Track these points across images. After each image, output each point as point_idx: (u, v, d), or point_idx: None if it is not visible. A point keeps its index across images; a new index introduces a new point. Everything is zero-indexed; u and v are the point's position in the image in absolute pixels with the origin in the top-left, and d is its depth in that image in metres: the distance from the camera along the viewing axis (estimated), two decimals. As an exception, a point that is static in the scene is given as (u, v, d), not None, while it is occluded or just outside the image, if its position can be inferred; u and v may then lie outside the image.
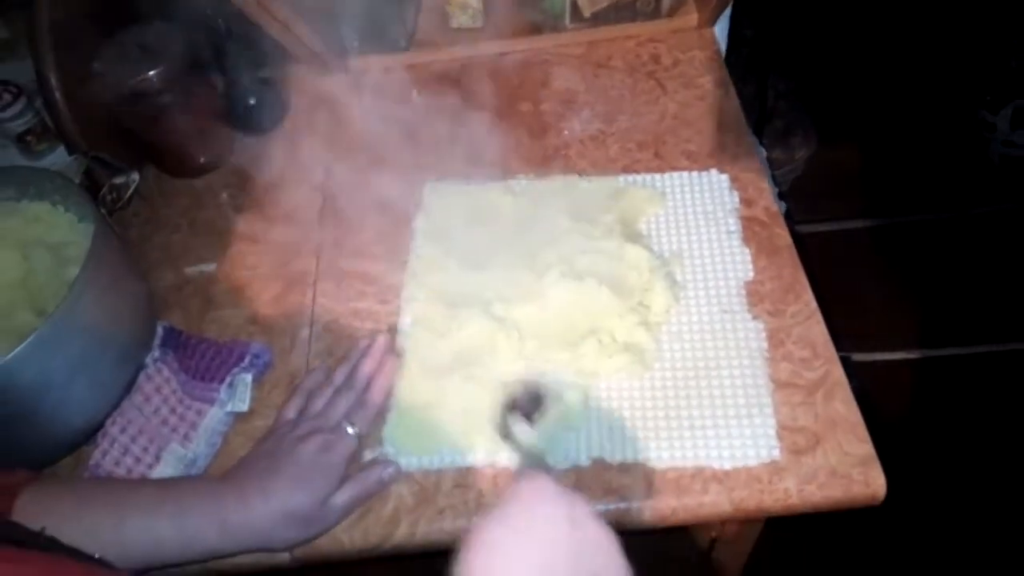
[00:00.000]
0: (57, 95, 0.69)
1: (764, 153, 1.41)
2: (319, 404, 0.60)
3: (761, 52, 1.81)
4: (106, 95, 0.74)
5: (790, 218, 1.55)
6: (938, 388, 1.49)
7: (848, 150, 1.87)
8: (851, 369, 0.62)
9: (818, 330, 0.64)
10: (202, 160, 0.82)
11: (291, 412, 0.61)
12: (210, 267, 0.74)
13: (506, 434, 0.50)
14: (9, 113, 0.78)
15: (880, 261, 1.69)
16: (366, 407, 0.60)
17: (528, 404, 0.50)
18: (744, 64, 1.88)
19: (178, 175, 0.82)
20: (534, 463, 0.48)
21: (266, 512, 0.52)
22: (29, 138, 0.80)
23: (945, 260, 1.66)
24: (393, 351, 0.65)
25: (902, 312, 1.59)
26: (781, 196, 1.53)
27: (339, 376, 0.62)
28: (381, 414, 0.62)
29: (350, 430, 0.58)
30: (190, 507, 0.52)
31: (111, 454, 0.58)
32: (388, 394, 0.63)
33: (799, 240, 0.70)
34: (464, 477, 0.59)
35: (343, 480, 0.56)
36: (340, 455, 0.56)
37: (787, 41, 1.91)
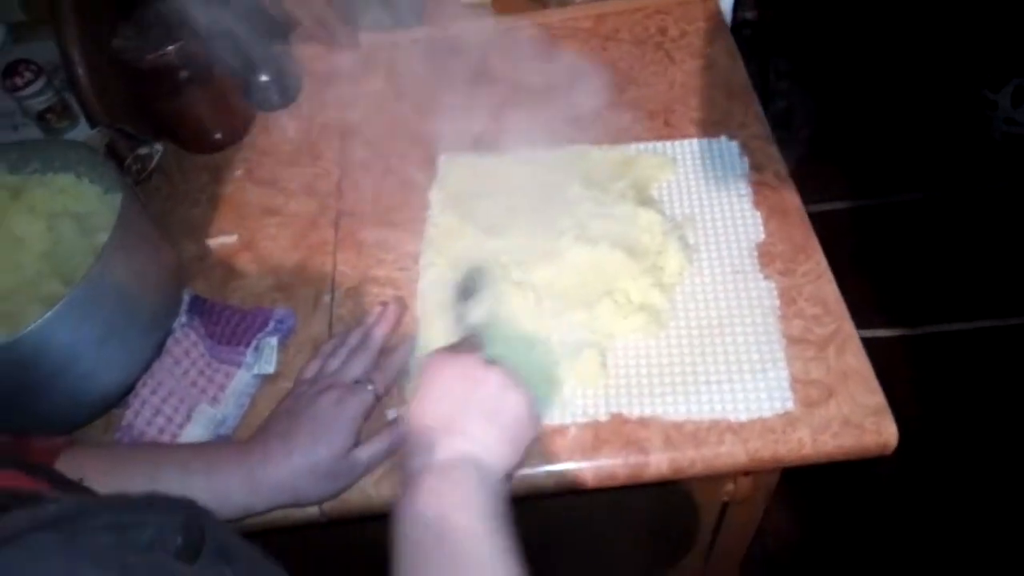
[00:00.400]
0: (79, 69, 0.70)
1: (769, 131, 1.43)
2: (335, 363, 0.62)
3: (763, 33, 1.82)
4: (125, 71, 0.76)
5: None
6: (938, 364, 1.51)
7: (850, 129, 1.89)
8: None
9: (829, 288, 0.65)
10: (219, 135, 0.83)
11: (309, 373, 0.62)
12: (231, 238, 0.76)
13: (457, 317, 0.63)
14: (30, 91, 0.79)
15: (883, 239, 1.70)
16: (382, 367, 0.62)
17: (469, 289, 0.64)
18: (746, 45, 1.89)
19: (196, 151, 0.83)
20: (472, 337, 0.59)
21: (290, 467, 0.54)
22: (49, 116, 0.82)
23: (947, 238, 1.68)
24: (404, 314, 0.67)
25: (904, 289, 1.61)
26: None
27: (354, 338, 0.64)
28: (400, 375, 0.63)
29: (369, 387, 0.59)
30: (220, 467, 0.54)
31: (143, 414, 0.60)
32: (401, 357, 0.64)
33: None
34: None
35: (366, 436, 0.58)
36: (355, 408, 0.57)
37: (788, 22, 1.92)
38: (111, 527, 0.26)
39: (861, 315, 0.65)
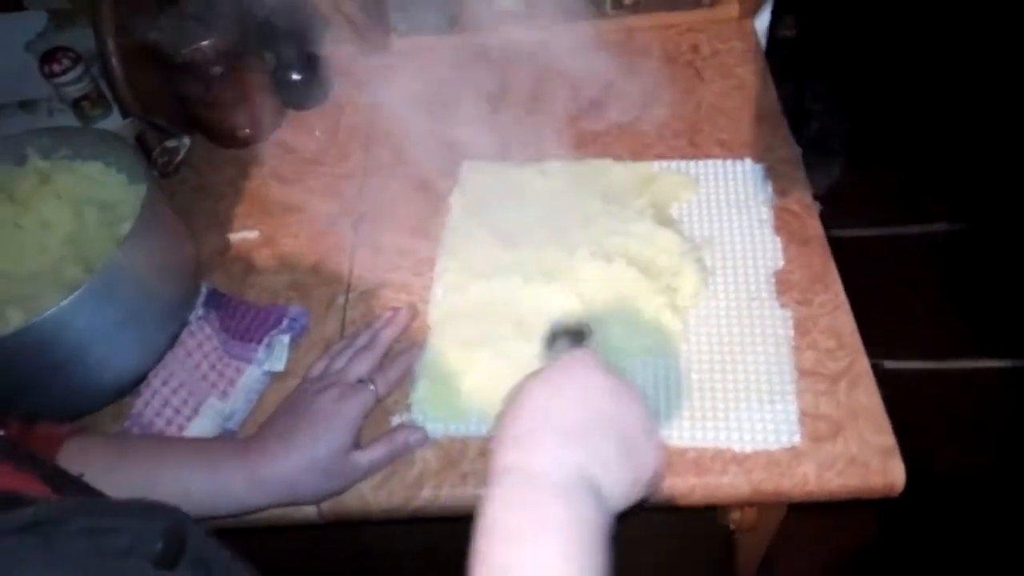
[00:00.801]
0: (114, 60, 0.71)
1: (799, 153, 1.40)
2: (340, 362, 0.62)
3: (800, 54, 1.80)
4: (160, 63, 0.77)
5: (824, 222, 1.52)
6: (973, 400, 1.47)
7: (887, 155, 1.85)
8: (881, 377, 0.62)
9: (845, 320, 0.64)
10: (248, 131, 0.84)
11: (315, 372, 0.63)
12: (253, 234, 0.77)
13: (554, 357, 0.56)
14: (67, 78, 0.81)
15: (918, 270, 1.66)
16: (385, 370, 0.63)
17: (572, 336, 0.57)
18: (782, 65, 1.87)
19: (225, 145, 0.85)
20: None
21: (289, 464, 0.54)
22: (84, 103, 0.83)
23: (986, 271, 1.63)
24: (414, 320, 0.68)
25: (939, 322, 1.57)
26: (816, 199, 1.52)
27: (361, 339, 0.65)
28: (405, 380, 0.64)
29: (370, 387, 0.60)
30: (220, 463, 0.55)
31: (152, 404, 0.61)
32: (406, 361, 0.64)
33: (832, 245, 0.70)
34: (489, 445, 0.60)
35: (370, 441, 0.59)
36: (354, 407, 0.58)
37: (828, 44, 1.90)
38: (88, 532, 0.26)
39: (889, 346, 0.63)
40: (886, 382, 0.62)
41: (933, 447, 1.35)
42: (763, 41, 1.00)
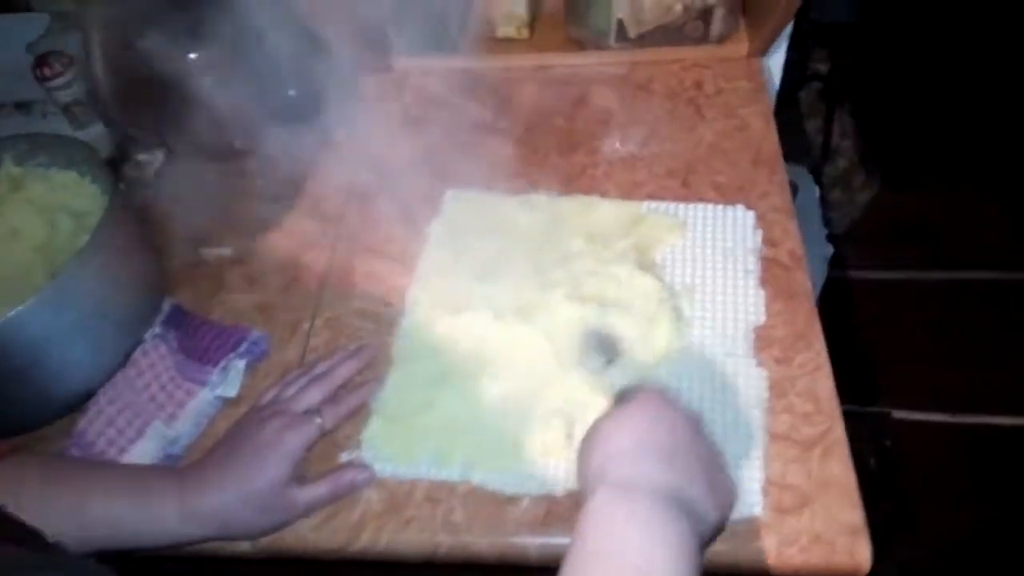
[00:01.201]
0: (98, 68, 0.71)
1: (818, 192, 1.36)
2: (290, 391, 0.60)
3: (832, 88, 1.75)
4: (149, 73, 0.77)
5: (840, 263, 1.47)
6: (979, 457, 1.40)
7: (915, 196, 1.79)
8: (886, 426, 0.59)
9: (824, 384, 0.61)
10: (236, 145, 0.83)
11: (265, 400, 0.61)
12: (226, 251, 0.75)
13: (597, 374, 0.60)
14: (58, 83, 0.81)
15: (940, 317, 1.59)
16: (336, 403, 0.60)
17: (604, 350, 0.61)
18: (814, 98, 1.82)
19: (212, 158, 0.84)
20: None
21: (222, 495, 0.52)
22: (75, 108, 0.83)
23: (1012, 323, 1.56)
24: (375, 358, 0.65)
25: (955, 374, 1.50)
26: (833, 239, 1.47)
27: (318, 369, 0.63)
28: (360, 415, 0.62)
29: (316, 420, 0.58)
30: (152, 491, 0.53)
31: (96, 424, 0.60)
32: (360, 396, 0.62)
33: (849, 287, 0.67)
34: (436, 491, 0.58)
35: (315, 478, 0.57)
36: (295, 439, 0.55)
37: (861, 78, 1.84)
38: None
39: (900, 396, 0.59)
40: (892, 432, 0.58)
41: (932, 506, 1.29)
42: (777, 81, 0.97)
